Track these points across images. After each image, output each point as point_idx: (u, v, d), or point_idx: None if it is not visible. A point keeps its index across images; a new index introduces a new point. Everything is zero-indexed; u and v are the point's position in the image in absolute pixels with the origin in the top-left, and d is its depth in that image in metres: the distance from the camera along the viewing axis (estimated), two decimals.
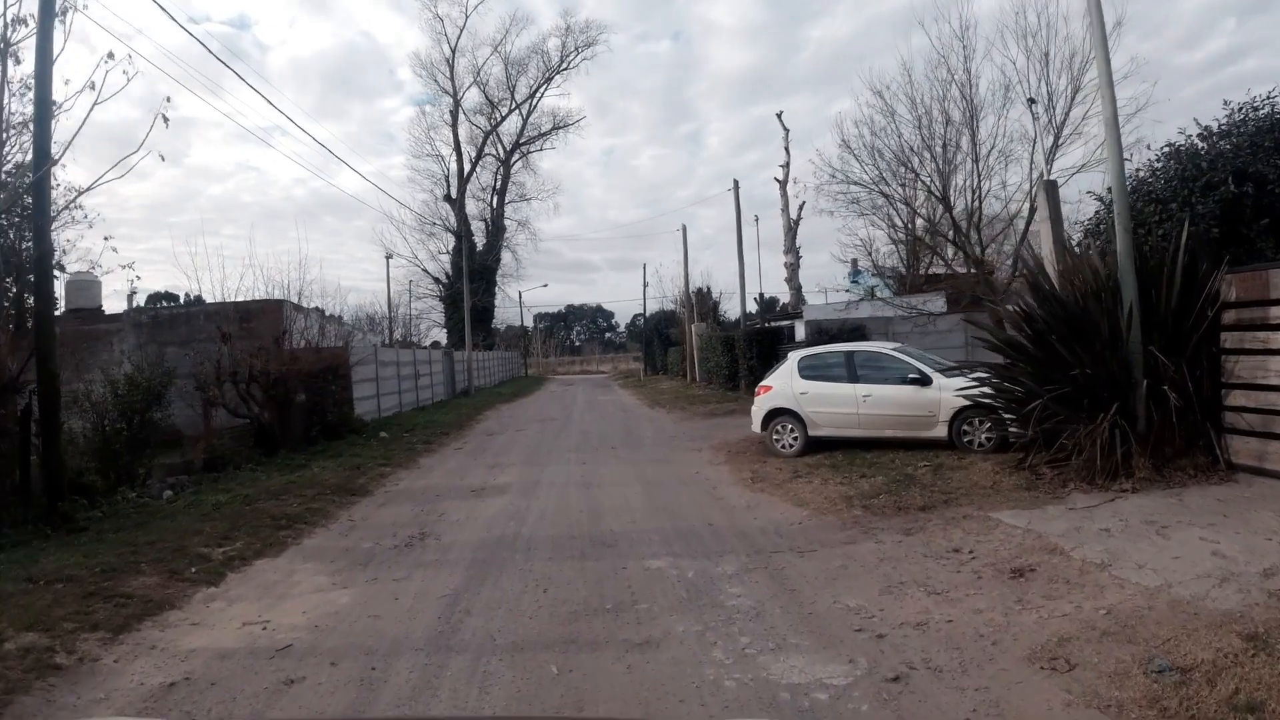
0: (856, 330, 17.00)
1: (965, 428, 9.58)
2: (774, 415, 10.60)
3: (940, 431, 9.75)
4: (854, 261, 39.90)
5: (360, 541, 7.29)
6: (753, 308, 28.13)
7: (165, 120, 8.45)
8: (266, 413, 13.30)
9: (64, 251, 13.35)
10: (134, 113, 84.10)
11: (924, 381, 9.90)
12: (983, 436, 9.49)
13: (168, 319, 19.15)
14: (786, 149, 34.91)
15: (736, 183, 24.77)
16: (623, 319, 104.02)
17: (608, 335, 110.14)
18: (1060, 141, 12.78)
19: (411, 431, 16.43)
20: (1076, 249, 9.50)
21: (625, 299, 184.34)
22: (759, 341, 20.63)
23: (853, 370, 10.30)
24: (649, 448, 13.08)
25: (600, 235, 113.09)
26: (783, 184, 35.93)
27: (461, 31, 45.33)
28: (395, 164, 71.06)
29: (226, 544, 7.25)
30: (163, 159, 9.04)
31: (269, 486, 10.02)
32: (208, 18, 68.67)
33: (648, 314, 49.56)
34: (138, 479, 10.50)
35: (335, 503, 9.08)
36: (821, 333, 17.01)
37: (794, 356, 10.75)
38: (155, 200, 77.20)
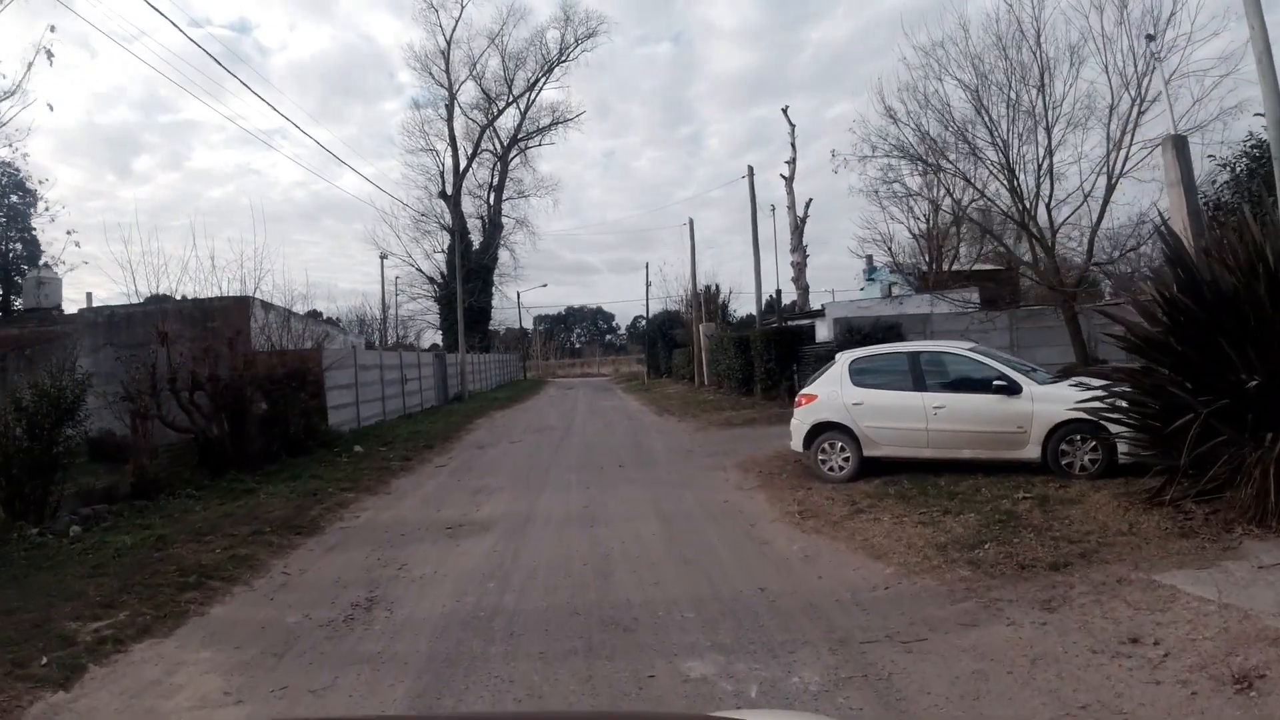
0: (892, 329, 15.11)
1: (1064, 447, 7.65)
2: (820, 431, 8.67)
3: (1031, 452, 7.84)
4: (869, 258, 38.05)
5: (285, 612, 5.36)
6: (756, 308, 26.28)
7: (49, 56, 6.57)
8: (215, 425, 11.37)
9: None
10: (132, 116, 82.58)
11: (1012, 389, 7.97)
12: (1086, 458, 7.56)
13: (124, 319, 17.23)
14: (793, 144, 33.16)
15: (751, 169, 22.91)
16: (623, 320, 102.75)
17: (608, 337, 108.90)
18: (1143, 102, 10.84)
19: (391, 444, 14.50)
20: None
21: (626, 299, 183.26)
22: (777, 342, 18.70)
23: (919, 375, 8.37)
24: (663, 465, 11.15)
25: (600, 237, 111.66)
26: (789, 180, 34.10)
27: (457, 22, 43.43)
28: (393, 166, 69.50)
29: (107, 614, 5.35)
30: (51, 109, 7.12)
31: (197, 522, 8.09)
32: (209, 20, 67.36)
33: (650, 315, 47.63)
34: (47, 509, 8.61)
35: (272, 546, 7.15)
36: (853, 331, 15.11)
37: (844, 359, 8.82)
38: (156, 204, 75.66)
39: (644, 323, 56.87)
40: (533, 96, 48.04)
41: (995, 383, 8.06)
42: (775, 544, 6.50)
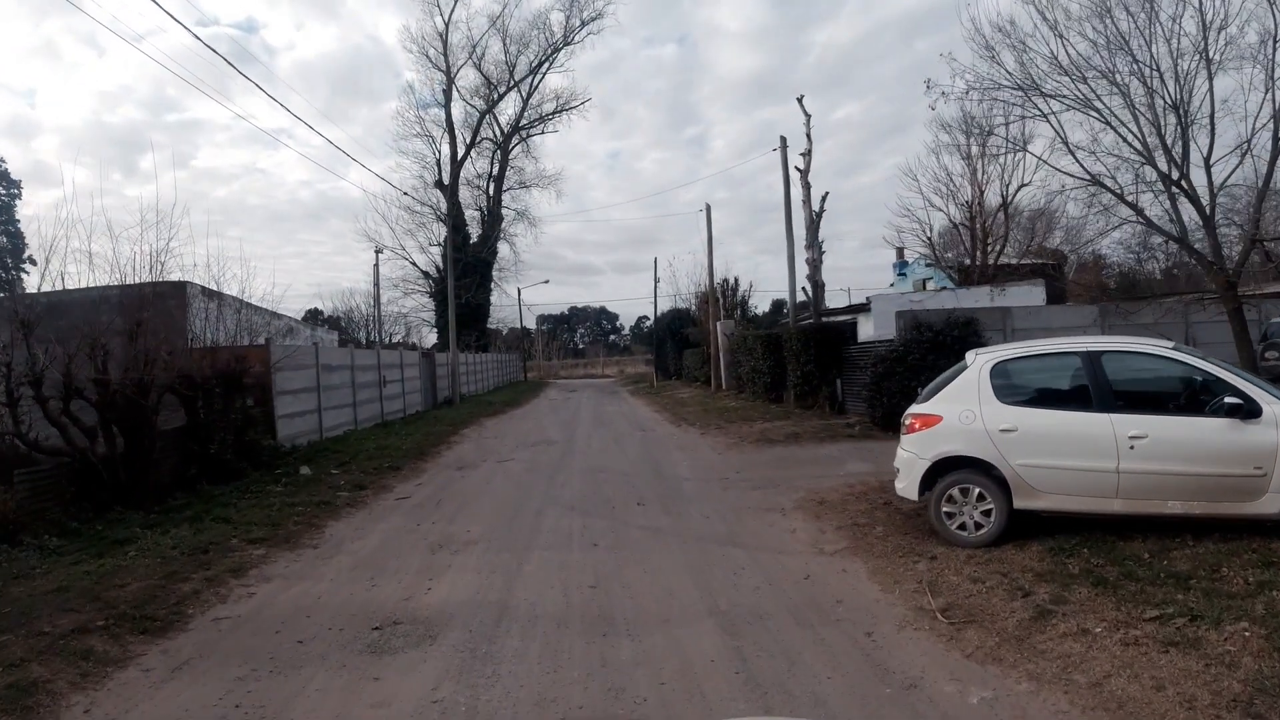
0: (970, 324, 12.26)
1: None
2: (946, 469, 5.81)
3: (1272, 505, 5.04)
4: (899, 251, 35.09)
5: None
6: (790, 301, 23.31)
7: None
8: (100, 444, 8.56)
9: None
10: (138, 114, 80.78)
11: (1249, 410, 5.14)
12: None
13: (45, 308, 14.48)
14: (808, 135, 29.79)
15: (784, 140, 20.05)
16: (627, 321, 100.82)
17: (612, 338, 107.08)
18: None
19: (349, 464, 11.67)
20: None
21: (631, 297, 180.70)
22: (818, 342, 15.81)
23: (1104, 389, 5.51)
24: (696, 502, 8.30)
25: (604, 238, 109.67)
26: (804, 173, 30.98)
27: (456, 2, 40.69)
28: (394, 164, 66.62)
29: None
30: None
31: (9, 600, 5.29)
32: (216, 20, 65.25)
33: (658, 313, 44.71)
34: None
35: (89, 661, 4.37)
36: (920, 327, 12.26)
37: (983, 362, 5.94)
38: (162, 202, 74.26)
39: (650, 322, 53.90)
40: (536, 82, 45.27)
41: (1226, 400, 5.21)
42: (930, 689, 3.65)
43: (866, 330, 16.90)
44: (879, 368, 12.44)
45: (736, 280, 32.13)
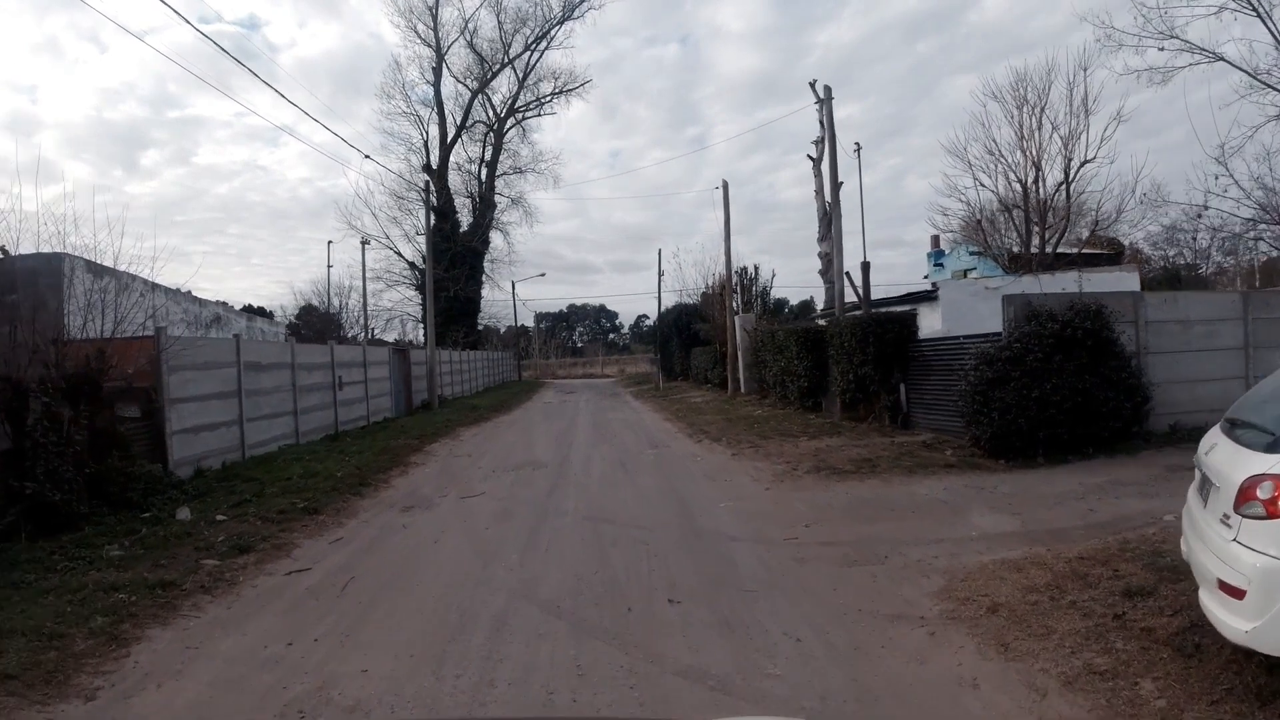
0: (1099, 314, 9.03)
1: None
2: None
3: None
4: (935, 239, 31.70)
5: None
6: (836, 287, 20.07)
7: None
8: None
9: None
10: (140, 111, 78.17)
11: None
12: None
13: None
14: (821, 121, 26.27)
15: (829, 89, 16.66)
16: (626, 320, 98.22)
17: (611, 336, 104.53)
18: None
19: (252, 502, 8.37)
20: None
21: (633, 292, 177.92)
22: (878, 337, 12.50)
23: None
24: (764, 596, 5.00)
25: (603, 237, 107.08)
26: (816, 162, 27.46)
27: None
28: (381, 146, 63.45)
29: None
30: None
31: None
32: (218, 16, 62.48)
33: (663, 309, 41.32)
34: None
35: None
36: (1039, 317, 9.02)
37: None
38: (161, 199, 72.76)
39: (653, 319, 50.44)
40: (533, 60, 41.97)
41: None
42: None
43: (930, 324, 13.64)
44: (984, 372, 9.17)
45: (756, 269, 27.85)
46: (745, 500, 8.11)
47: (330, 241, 34.68)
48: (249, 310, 25.76)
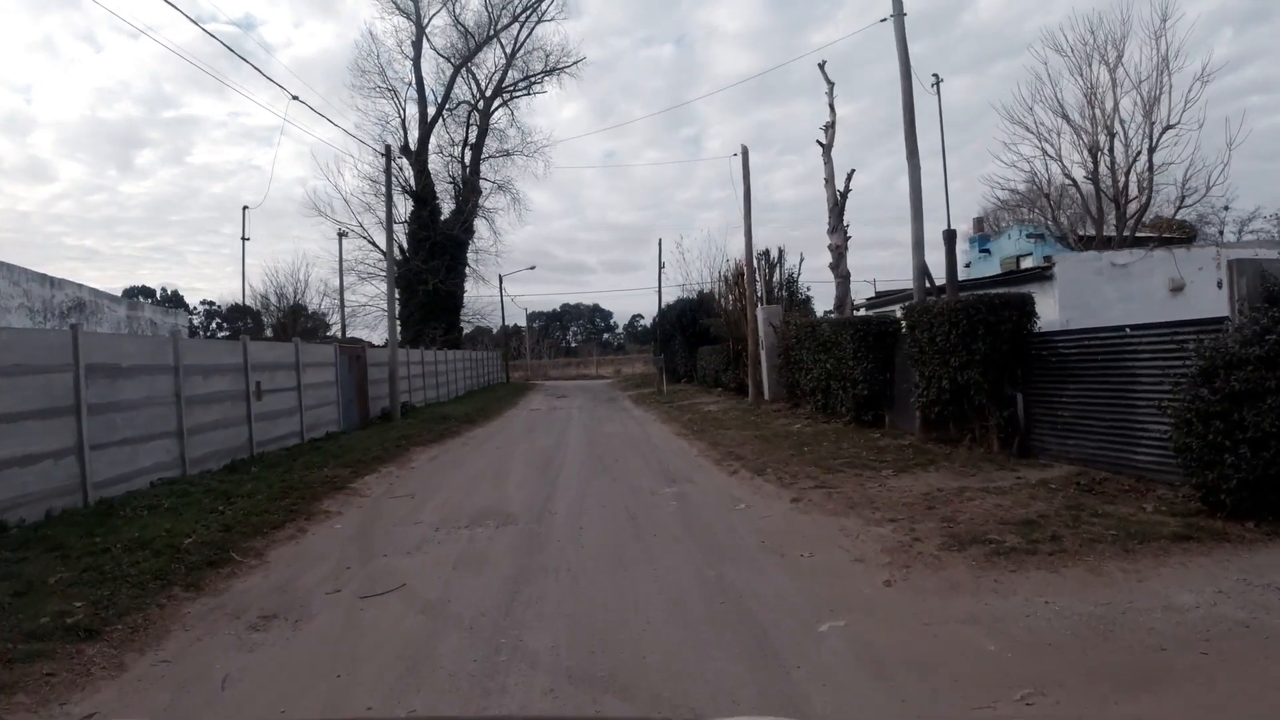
0: None
1: None
2: None
3: None
4: (977, 222, 28.08)
5: None
6: (912, 267, 16.52)
7: None
8: None
9: None
10: (136, 110, 75.20)
11: None
12: None
13: None
14: (831, 106, 22.73)
15: (902, 8, 12.89)
16: (621, 319, 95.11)
17: (605, 336, 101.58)
18: None
19: (21, 596, 4.69)
20: None
21: (629, 289, 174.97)
22: (990, 327, 8.90)
23: None
24: None
25: (597, 237, 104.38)
26: (826, 148, 23.89)
27: None
28: (356, 125, 59.55)
29: None
30: None
31: None
32: (214, 17, 59.15)
33: (664, 304, 37.65)
34: None
35: None
36: None
37: None
38: (156, 198, 70.35)
39: (648, 320, 46.73)
40: (522, 36, 38.24)
41: None
42: None
43: (1048, 310, 10.05)
44: (1222, 381, 5.57)
45: (781, 251, 23.19)
46: (861, 614, 4.48)
47: (342, 235, 31.01)
48: (137, 294, 21.88)
